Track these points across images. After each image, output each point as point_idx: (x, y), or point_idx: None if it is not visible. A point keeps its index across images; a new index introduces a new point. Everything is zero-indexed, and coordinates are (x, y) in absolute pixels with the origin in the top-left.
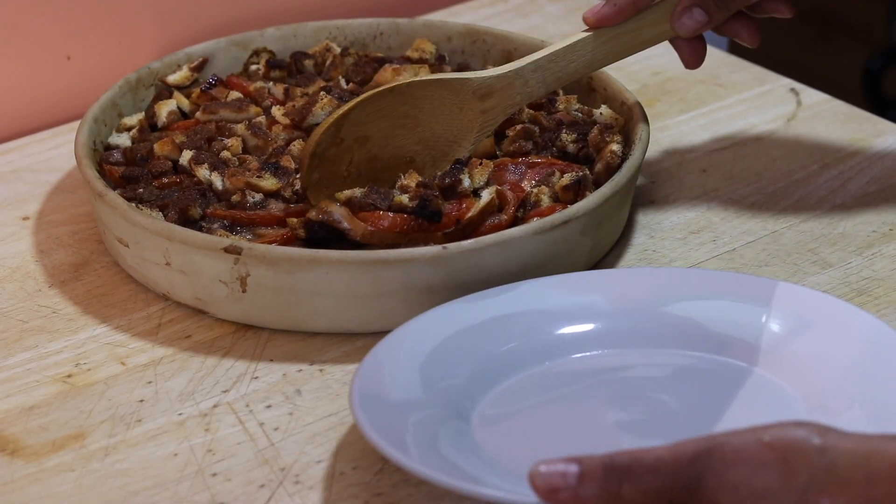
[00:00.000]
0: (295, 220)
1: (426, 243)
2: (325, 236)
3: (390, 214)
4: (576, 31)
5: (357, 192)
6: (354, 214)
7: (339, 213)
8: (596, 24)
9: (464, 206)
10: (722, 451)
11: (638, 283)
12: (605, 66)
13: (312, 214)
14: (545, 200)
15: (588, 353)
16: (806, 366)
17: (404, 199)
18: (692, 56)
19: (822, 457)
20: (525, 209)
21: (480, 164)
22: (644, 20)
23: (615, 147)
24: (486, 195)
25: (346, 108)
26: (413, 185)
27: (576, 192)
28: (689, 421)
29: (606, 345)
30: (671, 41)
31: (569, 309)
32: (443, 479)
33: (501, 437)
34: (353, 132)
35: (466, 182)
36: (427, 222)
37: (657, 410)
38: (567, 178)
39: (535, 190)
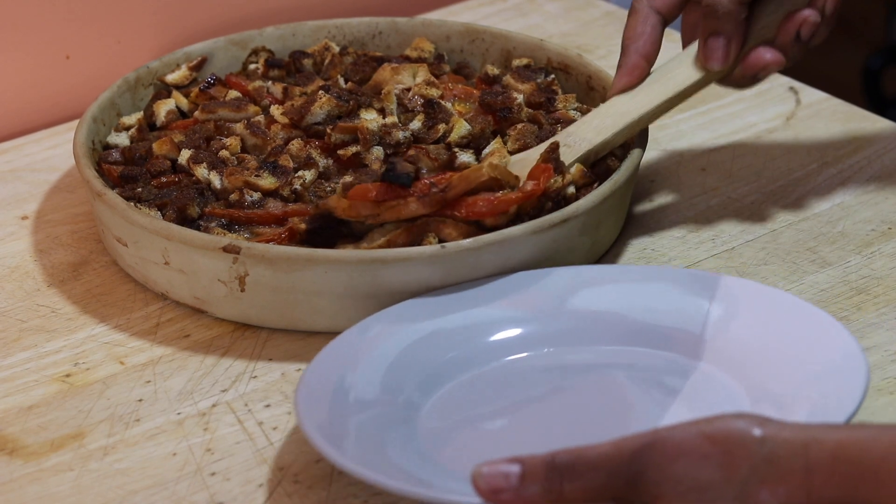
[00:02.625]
0: (297, 219)
1: (406, 212)
2: (322, 224)
3: (365, 184)
4: (577, 33)
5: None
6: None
7: (332, 198)
8: (615, 94)
9: (445, 174)
10: (663, 445)
11: (569, 282)
12: (647, 117)
13: (311, 207)
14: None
15: (527, 354)
16: (747, 357)
17: (376, 156)
18: (775, 61)
19: (761, 448)
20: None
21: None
22: (669, 66)
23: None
24: (477, 163)
25: None
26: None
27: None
28: (631, 417)
29: (547, 344)
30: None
31: (510, 313)
32: (389, 483)
33: (446, 440)
34: None
35: (464, 157)
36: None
37: (596, 407)
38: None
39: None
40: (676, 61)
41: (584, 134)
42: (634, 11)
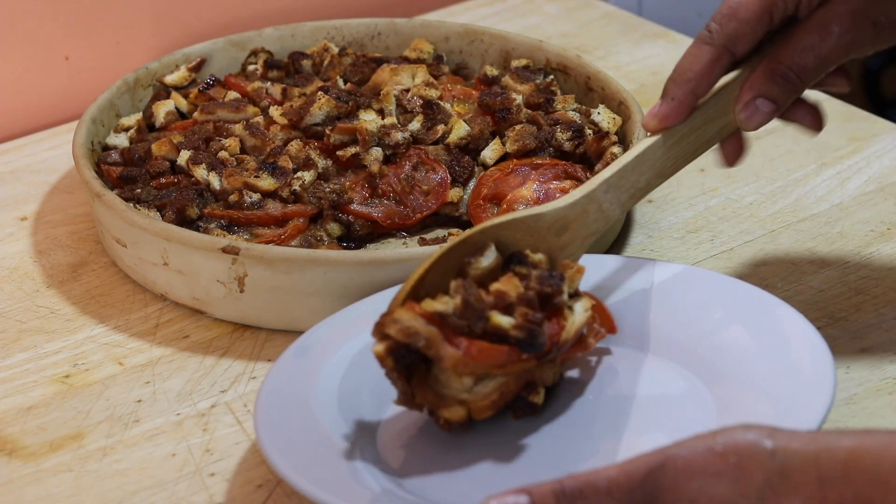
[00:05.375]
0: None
1: (520, 369)
2: (406, 353)
3: (491, 346)
4: (576, 33)
5: (449, 305)
6: (443, 333)
7: (424, 332)
8: (659, 126)
9: (555, 323)
10: (674, 464)
11: None
12: (674, 173)
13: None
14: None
15: None
16: (719, 360)
17: (503, 321)
18: (733, 153)
19: (773, 460)
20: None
21: (572, 268)
22: (706, 114)
23: (616, 150)
24: (581, 310)
25: (419, 272)
26: (511, 293)
27: None
28: (597, 424)
29: None
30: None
31: None
32: None
33: (407, 455)
34: (434, 296)
35: (578, 309)
36: (531, 354)
37: (563, 415)
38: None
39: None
40: (709, 105)
41: (620, 195)
42: (701, 42)
